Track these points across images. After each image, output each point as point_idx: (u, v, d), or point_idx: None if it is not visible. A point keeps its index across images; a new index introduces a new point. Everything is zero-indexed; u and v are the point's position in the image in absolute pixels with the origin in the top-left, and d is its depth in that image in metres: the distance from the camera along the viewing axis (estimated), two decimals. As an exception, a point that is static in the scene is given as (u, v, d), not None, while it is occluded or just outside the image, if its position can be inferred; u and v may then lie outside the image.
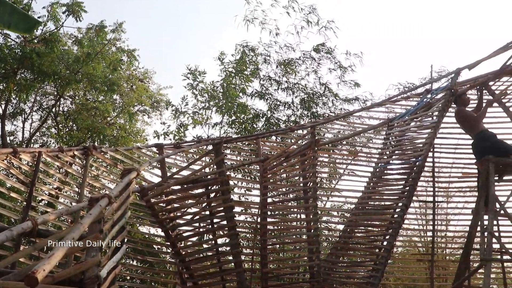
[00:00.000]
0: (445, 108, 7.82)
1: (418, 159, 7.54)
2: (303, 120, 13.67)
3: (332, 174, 10.92)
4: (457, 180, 9.57)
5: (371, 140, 10.10)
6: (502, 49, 8.07)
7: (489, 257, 6.38)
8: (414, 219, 11.28)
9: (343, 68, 14.38)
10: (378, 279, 7.17)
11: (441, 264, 10.49)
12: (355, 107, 13.86)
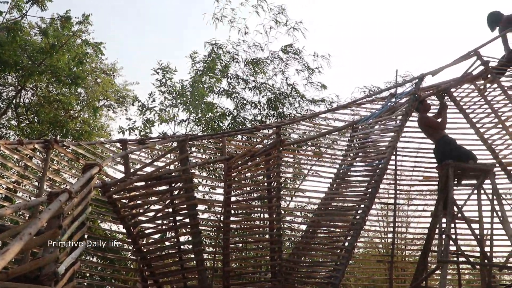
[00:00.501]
0: (408, 112, 7.95)
1: (381, 162, 7.65)
2: (269, 120, 13.72)
3: (297, 174, 10.98)
4: (418, 184, 9.75)
5: (335, 141, 10.19)
6: (464, 58, 8.29)
7: (445, 259, 6.53)
8: (376, 221, 11.46)
9: (310, 70, 14.50)
10: (339, 279, 7.25)
11: (400, 265, 10.68)
12: (321, 108, 13.99)
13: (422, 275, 7.49)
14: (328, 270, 7.66)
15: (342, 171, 8.40)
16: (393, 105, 8.47)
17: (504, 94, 8.07)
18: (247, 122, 13.84)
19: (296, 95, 14.29)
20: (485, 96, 8.31)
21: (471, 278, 10.78)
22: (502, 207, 6.86)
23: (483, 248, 7.09)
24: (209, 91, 14.03)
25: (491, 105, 8.20)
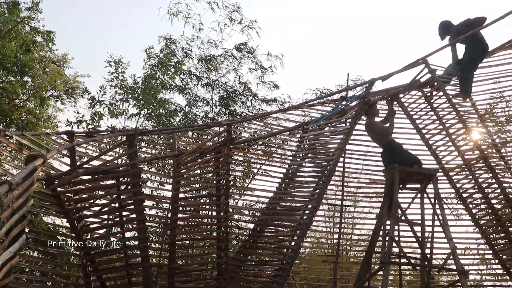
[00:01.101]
0: (358, 116, 8.09)
1: (330, 163, 7.76)
2: (220, 117, 13.69)
3: (246, 173, 10.99)
4: (364, 186, 9.94)
5: (286, 142, 10.27)
6: (412, 65, 8.52)
7: (388, 260, 6.69)
8: (322, 221, 11.61)
9: (263, 69, 14.54)
10: (284, 278, 7.31)
11: (345, 265, 10.85)
12: (273, 108, 14.06)
13: (365, 275, 7.64)
14: (273, 269, 7.71)
15: (291, 171, 8.47)
16: (343, 108, 8.60)
17: (449, 102, 8.34)
18: (199, 119, 13.76)
19: (249, 94, 14.31)
20: (431, 103, 8.56)
21: (411, 279, 11.07)
22: (443, 211, 7.08)
23: (424, 250, 7.31)
24: (162, 86, 13.86)
25: (436, 112, 8.45)
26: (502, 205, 8.36)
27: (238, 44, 14.49)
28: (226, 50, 14.56)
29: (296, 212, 7.84)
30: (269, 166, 9.70)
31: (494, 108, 10.74)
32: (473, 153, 8.35)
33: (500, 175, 8.17)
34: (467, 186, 8.43)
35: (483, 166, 8.18)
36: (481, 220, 8.39)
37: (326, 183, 7.70)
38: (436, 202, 7.15)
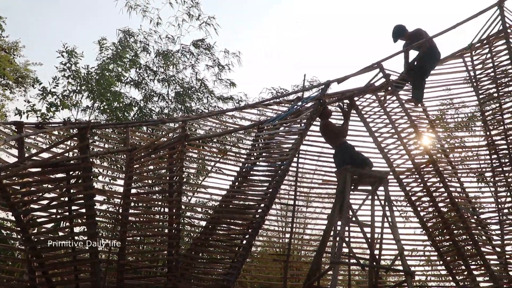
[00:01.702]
0: (313, 117, 8.17)
1: (283, 163, 7.80)
2: (176, 113, 13.57)
3: (200, 170, 10.93)
4: (317, 186, 10.04)
5: (241, 140, 10.27)
6: (367, 69, 8.67)
7: (338, 260, 6.79)
8: (275, 221, 11.68)
9: (220, 66, 14.51)
10: (235, 276, 7.31)
11: (296, 265, 10.94)
12: (229, 106, 14.05)
13: (315, 275, 7.74)
14: (224, 267, 7.70)
15: (245, 170, 8.47)
16: (299, 109, 8.66)
17: (402, 107, 8.53)
18: (154, 114, 13.60)
19: (205, 91, 14.25)
20: (385, 107, 8.74)
21: (360, 279, 11.27)
22: (392, 213, 7.24)
23: (372, 251, 7.45)
24: (117, 79, 13.62)
25: (389, 116, 8.64)
26: (448, 209, 8.61)
27: (196, 40, 14.40)
28: (184, 46, 14.45)
29: (249, 210, 7.85)
30: (223, 164, 9.68)
31: (444, 114, 11.07)
32: (423, 158, 8.56)
33: (448, 180, 8.42)
34: (416, 189, 8.64)
35: (431, 170, 8.40)
36: (428, 222, 8.62)
37: (279, 182, 7.73)
38: (386, 204, 7.30)
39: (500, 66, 8.84)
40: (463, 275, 8.29)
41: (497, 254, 8.42)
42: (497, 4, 8.72)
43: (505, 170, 8.69)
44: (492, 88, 8.97)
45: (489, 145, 8.98)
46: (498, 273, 8.22)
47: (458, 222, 8.32)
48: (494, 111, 8.99)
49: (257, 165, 8.48)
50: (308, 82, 14.04)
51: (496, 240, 8.60)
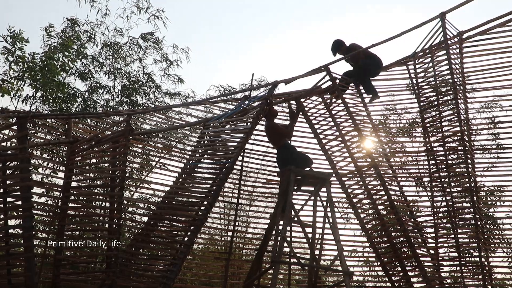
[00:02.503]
0: (259, 116, 8.21)
1: (228, 161, 7.80)
2: (121, 107, 13.32)
3: (144, 165, 10.78)
4: (261, 186, 10.10)
5: (186, 137, 10.20)
6: (315, 71, 8.81)
7: (278, 259, 6.84)
8: (218, 219, 11.66)
9: (168, 61, 14.36)
10: (175, 273, 7.26)
11: (237, 263, 10.97)
12: (175, 102, 13.93)
13: (256, 273, 7.77)
14: (165, 264, 7.63)
15: (189, 167, 8.42)
16: (246, 108, 8.68)
17: (346, 110, 8.71)
18: (98, 106, 13.30)
19: (152, 85, 14.06)
20: (330, 109, 8.89)
21: (300, 278, 11.40)
22: (334, 214, 7.36)
23: (313, 251, 7.56)
24: (62, 69, 13.22)
25: (334, 119, 8.79)
26: (387, 211, 8.84)
27: (144, 33, 14.18)
28: (132, 39, 14.21)
29: (192, 207, 7.81)
30: (167, 160, 9.59)
31: (387, 119, 11.37)
32: (365, 161, 8.76)
33: (388, 183, 8.64)
34: (357, 191, 8.83)
35: (373, 174, 8.61)
36: (367, 224, 8.82)
37: (223, 180, 7.73)
38: (328, 205, 7.42)
39: (441, 75, 9.15)
40: (398, 276, 8.53)
41: (431, 256, 8.71)
42: (439, 16, 9.02)
43: (442, 175, 9.01)
44: (433, 96, 9.28)
45: (428, 151, 9.29)
46: (431, 274, 8.51)
47: (396, 225, 8.55)
48: (433, 118, 9.29)
49: (201, 162, 8.44)
50: (256, 81, 14.11)
51: (431, 243, 8.90)
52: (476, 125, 10.45)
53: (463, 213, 8.80)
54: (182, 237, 7.68)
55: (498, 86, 9.26)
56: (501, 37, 9.00)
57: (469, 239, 8.68)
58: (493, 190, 10.70)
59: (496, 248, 10.17)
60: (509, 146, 9.36)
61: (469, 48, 9.22)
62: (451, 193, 8.87)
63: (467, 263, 8.66)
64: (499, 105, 10.93)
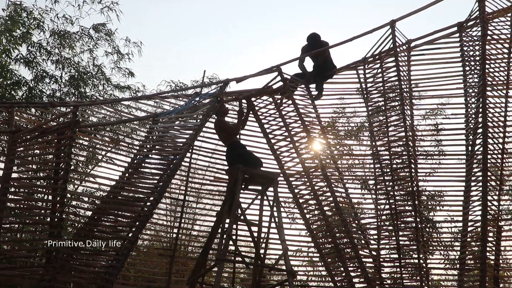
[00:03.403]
0: (209, 113, 8.18)
1: (176, 158, 7.74)
2: (69, 98, 12.97)
3: (90, 158, 10.54)
4: (208, 183, 10.07)
5: (135, 131, 10.04)
6: (266, 71, 8.86)
7: (223, 257, 6.84)
8: (163, 215, 11.54)
9: (120, 54, 14.08)
10: (118, 269, 7.15)
11: (182, 260, 10.89)
12: (125, 95, 13.67)
13: (200, 271, 7.74)
14: (108, 259, 7.49)
15: (137, 162, 8.30)
16: (196, 104, 8.64)
17: (296, 111, 8.79)
18: (44, 96, 12.89)
19: (102, 78, 13.73)
20: (280, 110, 8.95)
21: (245, 277, 11.43)
22: (280, 214, 7.42)
23: (258, 250, 7.60)
24: (5, 55, 12.72)
25: (284, 119, 8.87)
26: (332, 213, 8.99)
27: (97, 24, 13.84)
28: (83, 28, 13.84)
29: (138, 203, 7.70)
30: (115, 154, 9.41)
31: (336, 122, 11.56)
32: (312, 162, 8.87)
33: (334, 185, 8.79)
34: (304, 192, 8.93)
35: (320, 175, 8.73)
36: (313, 225, 8.94)
37: (170, 176, 7.67)
38: (275, 205, 7.46)
39: (389, 81, 9.36)
40: (341, 276, 8.68)
41: (373, 257, 8.91)
42: (389, 24, 9.23)
43: (386, 179, 9.22)
44: (380, 101, 9.48)
45: (374, 155, 9.49)
46: (372, 275, 8.70)
47: (340, 226, 8.70)
48: (380, 123, 9.50)
49: (149, 157, 8.34)
50: (208, 78, 14.04)
51: (373, 244, 9.11)
52: (421, 131, 10.76)
53: (405, 216, 9.04)
54: (126, 232, 7.57)
55: (442, 95, 9.58)
56: (446, 48, 9.30)
57: (409, 241, 8.92)
58: (433, 194, 11.05)
59: (434, 251, 10.52)
60: (450, 152, 9.69)
61: (416, 56, 9.48)
62: (394, 197, 9.09)
63: (406, 264, 8.89)
64: (443, 112, 11.30)
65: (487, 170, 8.25)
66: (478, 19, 8.82)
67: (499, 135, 8.62)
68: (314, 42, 9.01)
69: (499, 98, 8.76)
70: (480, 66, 8.69)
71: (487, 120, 8.41)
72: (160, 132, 8.63)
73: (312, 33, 9.05)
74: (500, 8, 8.84)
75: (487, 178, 8.23)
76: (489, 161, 8.33)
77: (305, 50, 9.10)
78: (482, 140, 8.36)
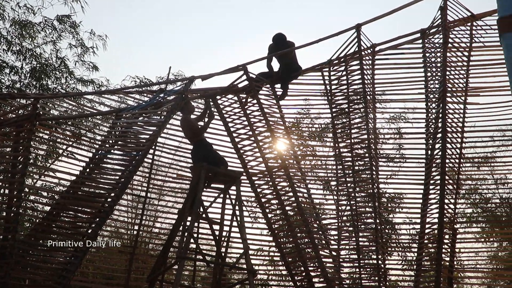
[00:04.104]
0: (173, 110, 8.13)
1: (139, 154, 7.67)
2: (29, 90, 12.68)
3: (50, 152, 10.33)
4: (171, 181, 10.00)
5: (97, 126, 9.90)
6: (232, 70, 8.85)
7: (184, 255, 6.81)
8: (125, 211, 11.41)
9: (84, 47, 13.85)
10: (76, 266, 7.04)
11: (142, 258, 10.79)
12: (88, 90, 13.46)
13: (160, 268, 7.69)
14: (66, 256, 7.36)
15: (98, 157, 8.18)
16: (161, 101, 8.57)
17: (261, 111, 8.82)
18: (4, 87, 12.57)
19: (65, 70, 13.48)
20: (245, 109, 8.96)
21: (206, 275, 11.41)
22: (242, 212, 7.44)
23: (219, 248, 7.59)
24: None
25: (248, 118, 8.88)
26: (294, 213, 9.05)
27: (61, 16, 13.57)
28: (47, 19, 13.55)
29: (98, 199, 7.60)
30: (76, 149, 9.25)
31: (300, 123, 11.64)
32: (276, 162, 8.91)
33: (296, 185, 8.85)
34: (266, 191, 8.97)
35: (282, 175, 8.78)
36: (274, 224, 8.98)
37: (132, 173, 7.60)
38: (237, 203, 7.48)
39: (353, 84, 9.48)
40: (301, 276, 8.75)
41: (333, 258, 9.02)
42: (355, 27, 9.35)
43: (348, 180, 9.34)
44: (344, 104, 9.59)
45: (336, 156, 9.59)
46: (331, 275, 8.80)
47: (301, 226, 8.77)
48: (344, 125, 9.61)
49: (111, 153, 8.23)
50: (173, 75, 13.94)
51: (333, 245, 9.21)
52: (383, 135, 10.94)
53: (365, 217, 9.18)
54: (86, 229, 7.46)
55: (404, 99, 9.76)
56: (409, 53, 9.49)
57: (369, 242, 9.06)
58: (393, 197, 11.25)
59: (393, 252, 10.72)
60: (410, 156, 9.89)
61: (380, 60, 9.64)
62: (355, 198, 9.21)
63: (365, 265, 9.03)
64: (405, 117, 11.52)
65: (445, 174, 8.45)
66: (440, 27, 9.02)
67: (457, 140, 8.85)
68: (281, 42, 9.05)
69: (458, 104, 8.99)
70: (441, 73, 8.89)
71: (446, 125, 8.61)
72: (123, 127, 8.52)
73: (279, 33, 9.09)
74: (460, 18, 9.06)
75: (444, 182, 8.43)
76: (447, 165, 8.53)
77: (272, 49, 9.13)
78: (441, 145, 8.56)
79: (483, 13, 9.07)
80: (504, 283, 10.28)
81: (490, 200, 12.21)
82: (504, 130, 10.39)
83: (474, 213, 12.43)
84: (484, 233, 11.33)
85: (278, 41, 9.06)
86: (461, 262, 9.61)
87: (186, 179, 9.54)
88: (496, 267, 12.02)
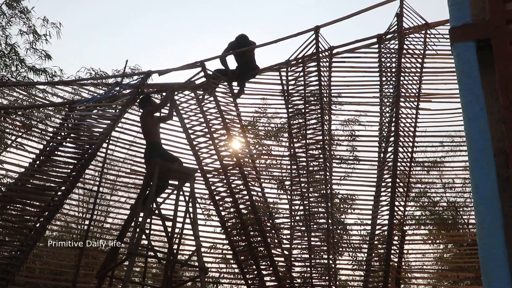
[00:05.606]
0: (129, 104, 8.02)
1: (91, 147, 7.52)
2: (-23, 78, 12.25)
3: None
4: (124, 176, 9.87)
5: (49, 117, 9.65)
6: (190, 66, 8.82)
7: (134, 251, 6.73)
8: (76, 206, 11.18)
9: (36, 35, 13.43)
10: (21, 261, 6.84)
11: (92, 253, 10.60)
12: (41, 79, 13.08)
13: (110, 264, 7.57)
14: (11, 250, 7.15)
15: (49, 149, 7.98)
16: (116, 94, 8.44)
17: (217, 108, 8.81)
18: None
19: (15, 58, 13.05)
20: (202, 106, 8.93)
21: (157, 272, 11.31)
22: (195, 210, 7.40)
23: (171, 245, 7.53)
24: None
25: (204, 115, 8.84)
26: (247, 211, 9.08)
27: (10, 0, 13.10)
28: (-6, 4, 13.08)
29: (48, 192, 7.41)
30: (25, 140, 9.00)
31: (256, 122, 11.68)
32: (231, 160, 8.91)
33: (251, 184, 8.88)
34: (220, 189, 8.96)
35: (237, 173, 8.79)
36: (227, 222, 8.98)
37: (84, 166, 7.45)
38: (190, 200, 7.44)
39: (310, 85, 9.58)
40: (253, 274, 8.79)
41: (285, 257, 9.09)
42: (314, 29, 9.45)
43: (302, 180, 9.43)
44: (301, 105, 9.68)
45: (291, 156, 9.68)
46: (283, 274, 8.87)
47: (254, 225, 8.80)
48: (299, 125, 9.70)
49: (63, 145, 8.04)
50: (130, 68, 13.75)
51: (286, 244, 9.29)
52: (337, 136, 11.10)
53: (318, 217, 9.29)
54: (33, 222, 7.26)
55: (359, 102, 9.93)
56: (366, 57, 9.66)
57: (320, 242, 9.18)
58: (346, 198, 11.43)
59: (343, 252, 10.90)
60: (363, 158, 10.08)
61: (337, 63, 9.77)
62: (308, 198, 9.31)
63: (316, 264, 9.14)
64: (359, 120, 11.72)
65: (396, 177, 8.64)
66: (396, 33, 9.22)
67: (409, 144, 9.07)
68: (243, 42, 9.07)
69: (410, 110, 9.21)
70: (395, 78, 9.09)
71: (399, 129, 8.80)
72: (76, 120, 8.34)
73: (243, 34, 9.13)
74: (415, 25, 9.28)
75: (395, 185, 8.62)
76: (398, 168, 8.72)
77: (232, 47, 9.14)
78: (393, 148, 8.75)
79: (437, 22, 9.32)
80: (448, 284, 10.62)
81: (438, 203, 12.59)
82: (453, 136, 10.74)
83: (422, 216, 12.79)
84: (431, 235, 11.67)
85: (241, 41, 9.08)
86: (408, 263, 9.85)
87: (140, 175, 9.42)
88: (441, 268, 12.40)
